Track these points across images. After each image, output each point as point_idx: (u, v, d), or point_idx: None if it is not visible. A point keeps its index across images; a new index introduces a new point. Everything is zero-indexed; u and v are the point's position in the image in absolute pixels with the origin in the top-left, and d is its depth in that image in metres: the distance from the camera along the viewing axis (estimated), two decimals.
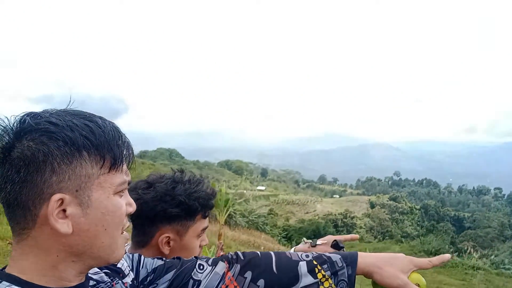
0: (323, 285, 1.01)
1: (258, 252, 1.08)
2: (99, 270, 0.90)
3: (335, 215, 65.24)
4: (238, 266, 1.03)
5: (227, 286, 1.01)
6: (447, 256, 1.09)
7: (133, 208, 0.85)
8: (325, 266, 1.02)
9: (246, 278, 1.02)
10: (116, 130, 0.80)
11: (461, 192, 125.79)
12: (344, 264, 1.02)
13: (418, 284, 0.99)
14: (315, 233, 48.86)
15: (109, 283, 0.90)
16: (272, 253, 1.07)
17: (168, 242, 1.31)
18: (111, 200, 0.79)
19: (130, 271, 0.98)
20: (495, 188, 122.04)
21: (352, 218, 66.91)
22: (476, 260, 32.21)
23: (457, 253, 35.85)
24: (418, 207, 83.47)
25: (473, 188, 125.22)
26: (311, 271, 1.01)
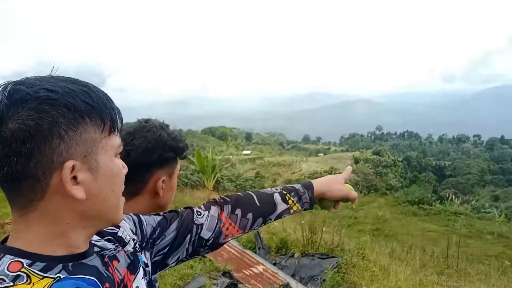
0: (292, 208, 1.27)
1: (239, 193, 1.26)
2: (100, 238, 0.92)
3: (321, 173, 66.25)
4: (229, 206, 1.20)
5: (224, 224, 1.17)
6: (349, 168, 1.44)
7: (126, 169, 0.87)
8: (292, 194, 1.28)
9: (237, 215, 1.19)
10: (106, 95, 0.82)
11: (441, 141, 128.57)
12: (305, 190, 1.29)
13: (351, 190, 1.38)
14: None
15: (113, 250, 0.92)
16: (250, 191, 1.28)
17: (162, 185, 1.42)
18: (114, 162, 0.82)
19: (131, 240, 0.99)
20: (474, 135, 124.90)
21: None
22: (458, 206, 33.47)
23: (439, 200, 37.08)
24: (400, 159, 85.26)
25: (453, 137, 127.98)
26: (284, 199, 1.26)
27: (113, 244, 0.93)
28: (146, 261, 1.03)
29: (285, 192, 1.27)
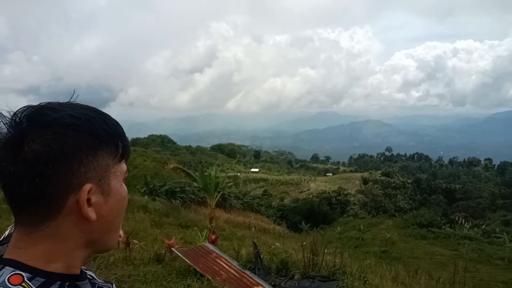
0: None
1: None
2: (88, 269, 0.95)
3: (329, 193, 65.68)
4: None
5: None
6: None
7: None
8: None
9: None
10: (119, 124, 0.87)
11: (452, 164, 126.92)
12: None
13: None
14: (310, 212, 49.33)
15: (104, 283, 0.95)
16: None
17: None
18: (122, 187, 0.87)
19: None
20: (485, 159, 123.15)
21: (346, 195, 67.48)
22: (468, 230, 32.77)
23: (449, 224, 36.37)
24: (410, 181, 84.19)
25: (464, 160, 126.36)
26: None
27: (101, 280, 0.95)
28: None
29: None
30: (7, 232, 1.15)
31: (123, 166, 0.88)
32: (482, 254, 25.78)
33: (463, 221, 37.04)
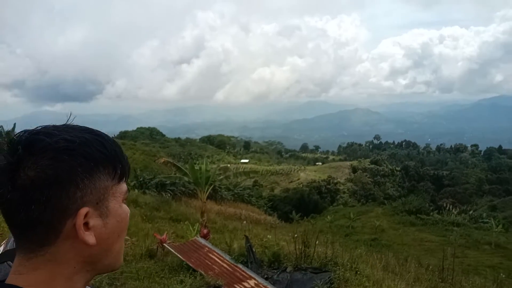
0: None
1: None
2: None
3: (319, 182, 65.98)
4: None
5: None
6: None
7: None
8: None
9: None
10: (117, 143, 0.87)
11: (439, 151, 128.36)
12: None
13: None
14: (300, 201, 49.63)
15: None
16: None
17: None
18: (122, 208, 0.87)
19: None
20: (471, 145, 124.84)
21: (336, 183, 67.89)
22: (456, 216, 33.26)
23: (437, 210, 36.89)
24: (398, 168, 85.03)
25: (451, 146, 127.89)
26: None
27: None
28: None
29: None
30: (1, 248, 1.14)
31: (123, 187, 0.87)
32: (470, 240, 26.23)
33: (450, 207, 37.53)
